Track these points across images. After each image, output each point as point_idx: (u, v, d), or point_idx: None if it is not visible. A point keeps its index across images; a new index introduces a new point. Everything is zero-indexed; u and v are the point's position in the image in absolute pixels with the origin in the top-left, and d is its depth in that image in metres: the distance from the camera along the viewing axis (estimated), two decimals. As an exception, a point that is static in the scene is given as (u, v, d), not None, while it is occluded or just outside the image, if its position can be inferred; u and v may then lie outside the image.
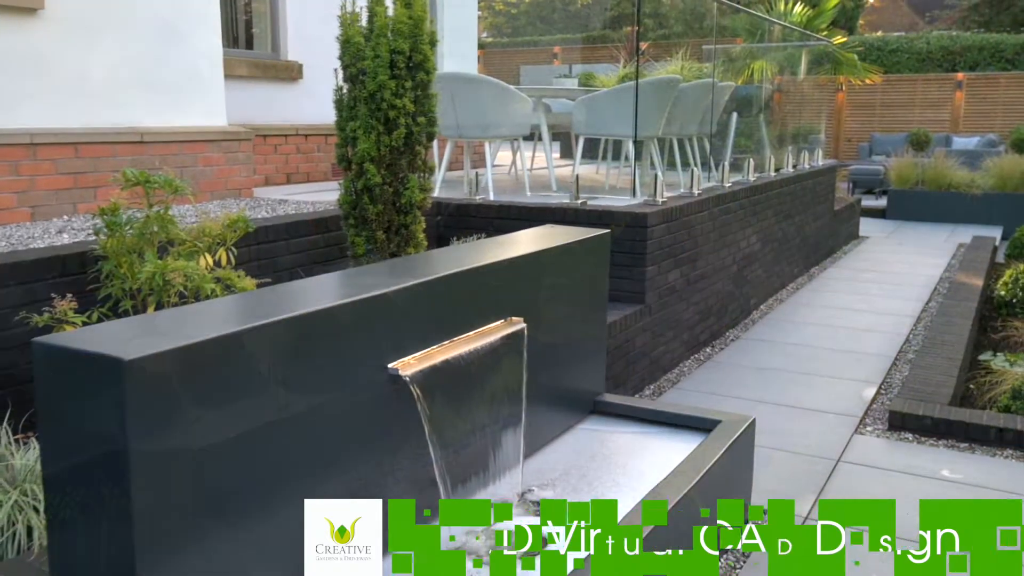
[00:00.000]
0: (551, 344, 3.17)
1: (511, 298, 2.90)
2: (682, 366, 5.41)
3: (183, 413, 1.73)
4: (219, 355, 1.79)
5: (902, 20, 37.02)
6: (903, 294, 7.47)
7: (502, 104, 6.20)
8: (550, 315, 3.16)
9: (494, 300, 2.82)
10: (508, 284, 2.90)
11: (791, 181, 7.69)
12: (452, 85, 6.13)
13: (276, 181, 7.52)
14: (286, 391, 1.97)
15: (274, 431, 1.95)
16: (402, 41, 3.77)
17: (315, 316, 2.03)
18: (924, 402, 4.40)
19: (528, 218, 5.06)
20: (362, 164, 3.84)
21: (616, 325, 4.52)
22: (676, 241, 5.18)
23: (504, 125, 6.26)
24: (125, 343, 1.71)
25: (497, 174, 8.50)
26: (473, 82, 6.10)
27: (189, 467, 1.76)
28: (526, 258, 3.02)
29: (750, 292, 6.69)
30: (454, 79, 6.12)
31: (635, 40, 7.97)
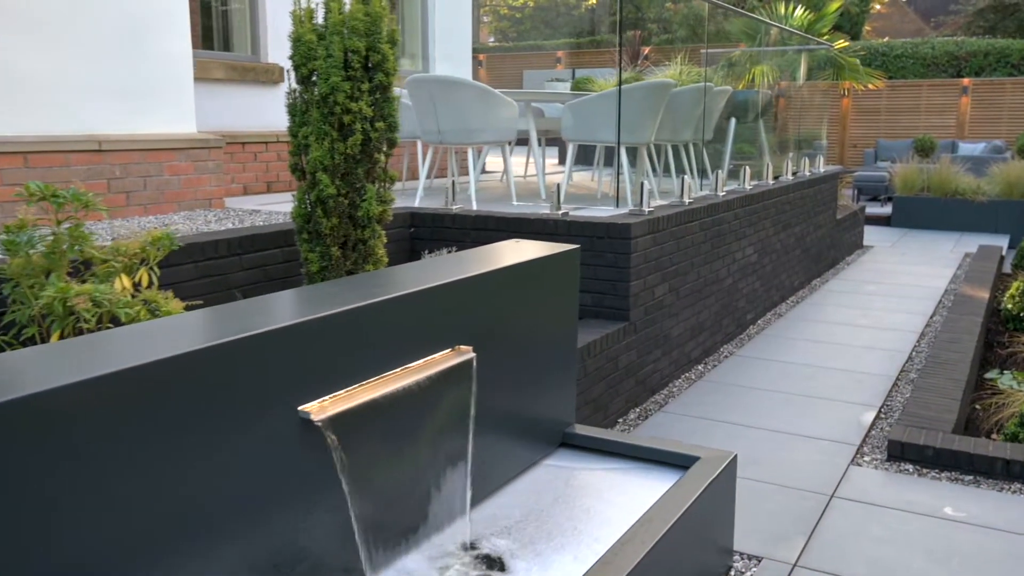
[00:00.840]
0: (510, 373, 2.88)
1: (461, 323, 2.61)
2: (671, 386, 5.10)
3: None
4: (55, 409, 1.49)
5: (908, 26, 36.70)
6: (907, 308, 7.15)
7: (485, 108, 5.92)
8: (509, 341, 2.86)
9: (440, 327, 2.52)
10: (457, 308, 2.60)
11: (791, 189, 7.38)
12: (432, 88, 5.85)
13: (256, 190, 7.24)
14: (161, 447, 1.67)
15: (145, 496, 1.65)
16: (357, 39, 3.48)
17: (196, 357, 1.74)
18: (925, 430, 4.09)
19: (506, 229, 4.77)
20: (315, 174, 3.56)
21: (597, 344, 4.22)
22: (664, 253, 4.88)
23: (488, 130, 5.98)
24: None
25: (489, 181, 8.22)
26: (454, 85, 5.82)
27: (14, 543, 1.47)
28: (479, 279, 2.71)
29: (746, 306, 6.39)
30: (434, 82, 5.84)
31: (619, 42, 7.70)
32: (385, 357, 2.30)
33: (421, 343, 2.44)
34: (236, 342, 1.85)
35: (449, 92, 5.83)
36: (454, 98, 5.83)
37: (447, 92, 5.83)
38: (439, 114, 5.91)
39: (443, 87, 5.83)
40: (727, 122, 8.07)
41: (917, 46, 17.00)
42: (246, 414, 1.87)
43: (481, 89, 5.85)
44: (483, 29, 29.14)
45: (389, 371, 2.29)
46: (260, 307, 2.17)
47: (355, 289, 2.46)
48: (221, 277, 3.89)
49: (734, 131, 8.00)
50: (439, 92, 5.84)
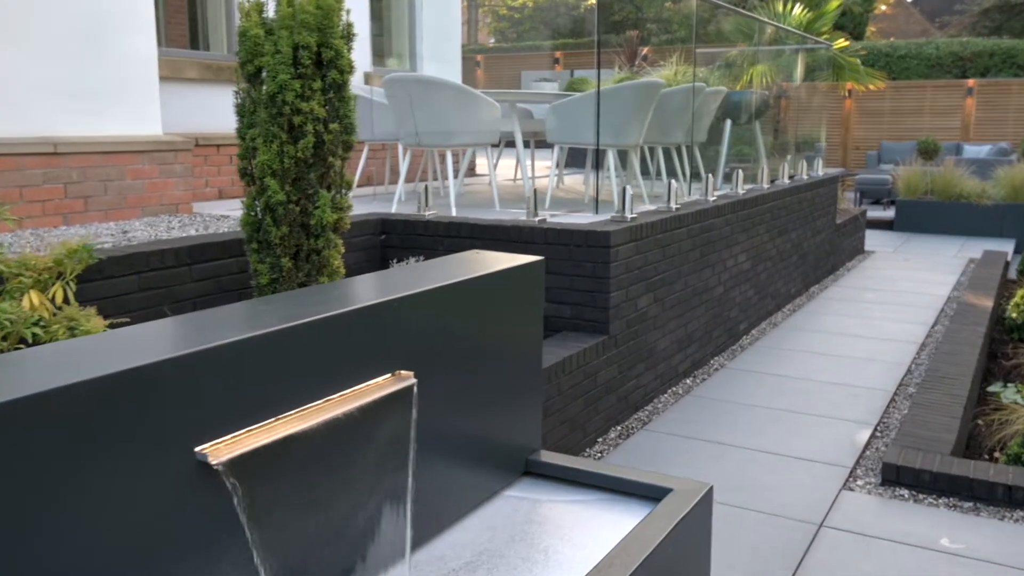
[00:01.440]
0: (462, 398, 2.62)
1: (404, 345, 2.35)
2: (656, 402, 4.84)
3: None
4: None
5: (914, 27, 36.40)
6: (907, 317, 6.88)
7: (465, 109, 5.67)
8: (462, 362, 2.60)
9: (378, 350, 2.27)
10: (399, 328, 2.34)
11: (787, 193, 7.12)
12: (410, 88, 5.61)
13: (232, 194, 7.01)
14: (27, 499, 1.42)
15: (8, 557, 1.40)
16: (308, 34, 3.23)
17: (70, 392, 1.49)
18: (922, 452, 3.83)
19: (480, 236, 4.52)
20: (263, 179, 3.31)
21: (574, 360, 3.96)
22: (648, 262, 4.62)
23: (468, 132, 5.73)
24: None
25: (478, 185, 7.97)
26: (432, 85, 5.57)
27: None
28: (426, 296, 2.46)
29: (739, 316, 6.12)
30: (412, 81, 5.59)
31: (597, 40, 7.42)
32: (309, 387, 2.04)
33: (354, 369, 2.19)
34: (119, 375, 1.59)
35: (427, 92, 5.58)
36: (432, 98, 5.58)
37: (425, 92, 5.58)
38: (417, 115, 5.66)
39: (421, 87, 5.59)
40: (723, 124, 7.82)
41: (921, 46, 16.71)
42: (135, 457, 1.62)
43: (460, 89, 5.61)
44: (483, 30, 28.92)
45: (313, 403, 2.04)
46: (162, 331, 1.91)
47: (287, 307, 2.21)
48: (166, 290, 3.65)
49: (730, 133, 7.75)
50: (417, 92, 5.60)
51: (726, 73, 9.55)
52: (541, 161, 9.17)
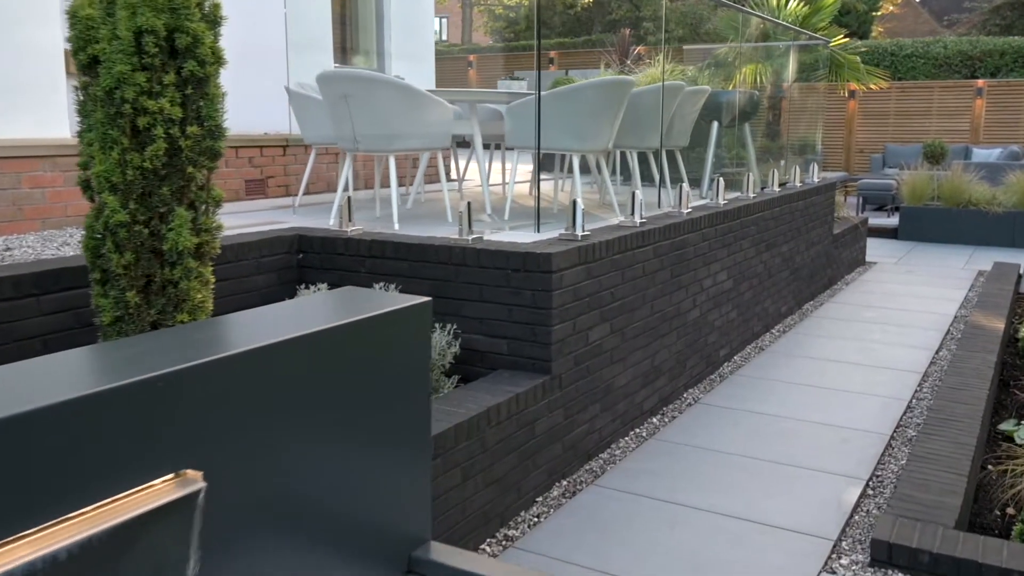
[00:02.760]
0: (310, 486, 1.99)
1: (203, 430, 1.72)
2: (614, 447, 4.20)
3: None
4: None
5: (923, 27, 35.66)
6: (910, 339, 6.21)
7: (410, 110, 5.04)
8: (311, 439, 1.97)
9: (157, 440, 1.64)
10: (194, 408, 1.71)
11: (776, 203, 6.46)
12: (345, 86, 4.98)
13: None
14: None
15: None
16: (153, 15, 2.59)
17: None
18: (921, 523, 3.17)
19: (406, 257, 3.88)
20: (101, 194, 2.68)
21: (504, 408, 3.32)
22: (603, 287, 3.98)
23: (414, 136, 5.10)
24: None
25: (454, 193, 7.32)
26: (370, 83, 4.94)
27: None
28: (245, 360, 1.83)
29: (719, 341, 5.47)
30: (347, 79, 4.96)
31: (537, 31, 6.73)
32: (39, 502, 1.41)
33: (117, 472, 1.56)
34: None
35: (365, 91, 4.95)
36: (371, 98, 4.95)
37: (362, 91, 4.95)
38: (355, 117, 5.03)
39: (357, 85, 4.95)
40: (709, 126, 7.17)
41: (928, 45, 16.02)
42: None
43: (403, 88, 4.97)
44: (478, 30, 28.28)
45: (38, 525, 1.41)
46: None
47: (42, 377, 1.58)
48: (6, 327, 3.02)
49: (717, 137, 7.09)
50: (353, 91, 4.96)
51: (717, 72, 8.91)
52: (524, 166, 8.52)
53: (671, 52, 10.17)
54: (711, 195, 5.66)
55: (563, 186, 7.73)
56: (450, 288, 3.78)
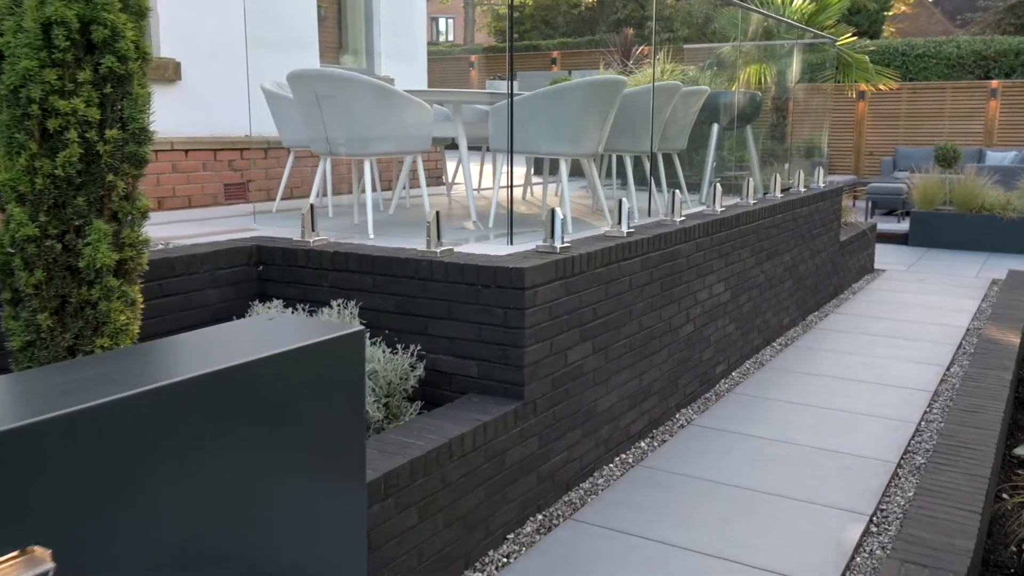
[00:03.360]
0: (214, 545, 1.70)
1: (60, 497, 1.43)
2: (597, 476, 3.89)
3: None
4: None
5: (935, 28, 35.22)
6: (919, 354, 5.89)
7: (385, 111, 4.75)
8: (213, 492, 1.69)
9: (9, 507, 1.35)
10: (48, 471, 1.42)
11: (779, 209, 6.15)
12: (316, 86, 4.70)
13: (141, 206, 6.09)
14: None
15: None
16: (63, 6, 2.31)
17: None
18: (929, 568, 2.86)
19: (370, 270, 3.59)
20: (8, 205, 2.39)
21: (468, 439, 3.02)
22: (584, 304, 3.68)
23: (390, 138, 4.81)
24: None
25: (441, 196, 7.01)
26: (343, 82, 4.65)
27: None
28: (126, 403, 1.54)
29: (715, 357, 5.17)
30: (318, 78, 4.68)
31: (509, 28, 6.42)
32: None
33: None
34: None
35: (337, 91, 4.66)
36: (344, 98, 4.67)
37: (334, 91, 4.67)
38: (327, 118, 4.75)
39: (329, 84, 4.67)
40: (709, 129, 6.86)
41: (940, 45, 15.64)
42: None
43: (378, 87, 4.68)
44: (481, 30, 27.98)
45: None
46: None
47: None
48: (-86, 349, 2.74)
49: (719, 139, 6.78)
50: (325, 91, 4.68)
51: (720, 72, 8.59)
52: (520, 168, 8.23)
53: (672, 51, 9.85)
54: (708, 202, 5.35)
55: (557, 190, 7.44)
56: (416, 305, 3.49)
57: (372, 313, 3.59)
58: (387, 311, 3.56)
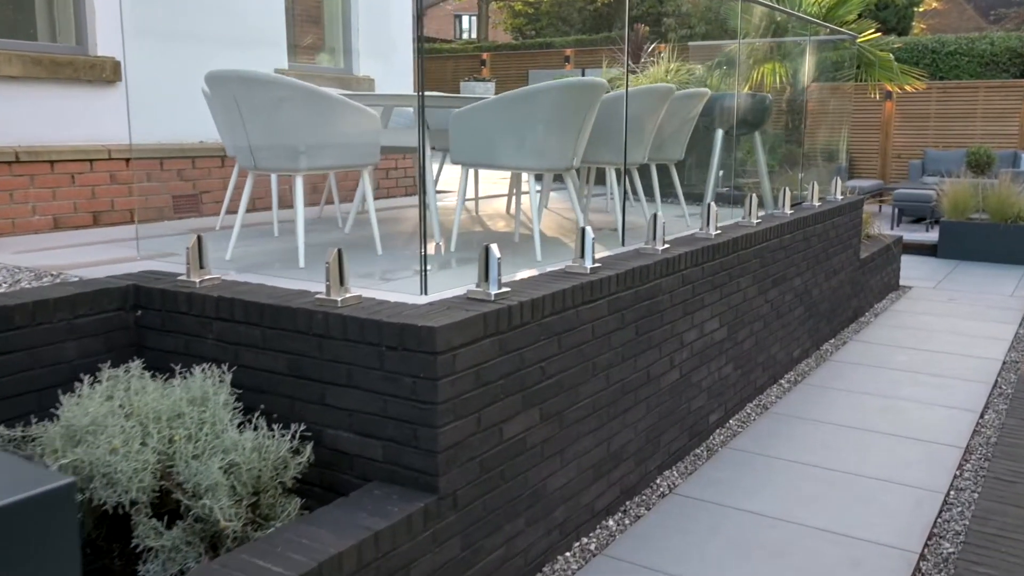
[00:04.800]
0: None
1: None
2: (548, 570, 3.18)
3: None
4: None
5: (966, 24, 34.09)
6: (947, 396, 5.12)
7: (320, 119, 4.06)
8: None
9: None
10: None
11: (788, 228, 5.40)
12: (235, 89, 4.02)
13: (74, 223, 5.51)
14: None
15: None
16: None
17: None
18: None
19: (259, 322, 2.89)
20: None
21: (352, 557, 2.32)
22: (527, 363, 2.96)
23: (328, 150, 4.13)
24: None
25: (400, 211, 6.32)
26: (266, 86, 3.96)
27: None
28: None
29: (708, 405, 4.43)
30: (236, 80, 4.00)
31: (418, 36, 5.79)
32: None
33: None
34: None
35: (262, 95, 3.98)
36: (271, 104, 3.98)
37: (259, 96, 3.98)
38: (249, 127, 4.07)
39: (252, 88, 3.98)
40: (713, 136, 6.12)
41: (973, 42, 14.72)
42: None
43: (308, 91, 3.99)
44: (496, 26, 27.24)
45: None
46: None
47: None
48: None
49: (721, 148, 6.04)
50: (245, 95, 4.00)
51: (729, 72, 7.83)
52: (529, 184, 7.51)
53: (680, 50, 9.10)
54: (702, 223, 4.61)
55: (545, 202, 6.71)
56: (312, 367, 2.79)
57: (261, 375, 2.90)
58: (278, 373, 2.86)
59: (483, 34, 26.69)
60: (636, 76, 8.14)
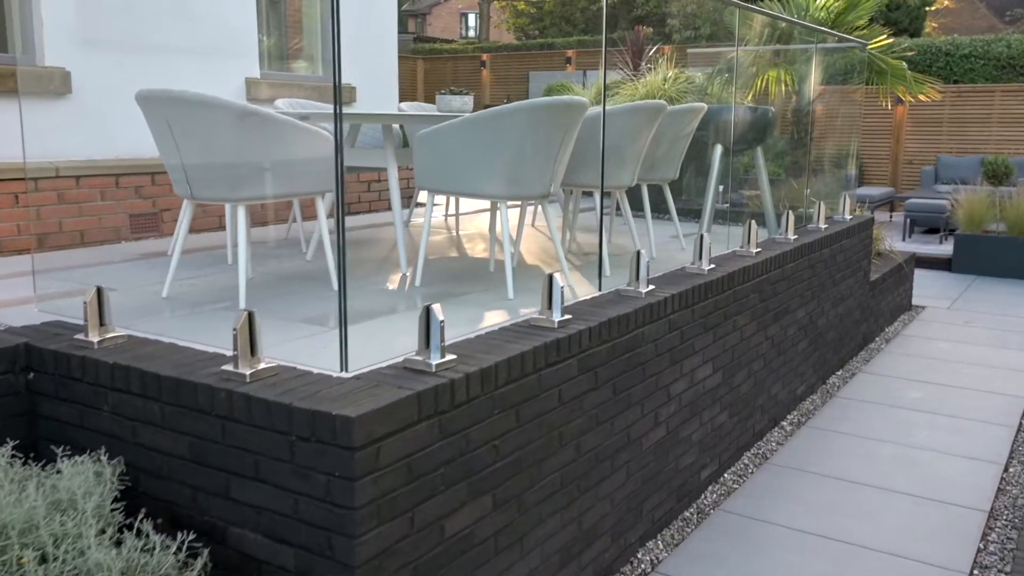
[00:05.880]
0: None
1: None
2: (505, 676, 2.73)
3: None
4: None
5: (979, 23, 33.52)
6: (967, 443, 4.65)
7: (263, 144, 3.62)
8: None
9: None
10: None
11: (790, 257, 4.93)
12: (167, 111, 3.58)
13: (16, 247, 5.10)
14: None
15: None
16: None
17: None
18: None
19: (156, 396, 2.45)
20: None
21: None
22: (474, 445, 2.51)
23: (273, 177, 3.69)
24: None
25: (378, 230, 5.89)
26: (199, 107, 3.52)
27: None
28: None
29: (699, 460, 3.98)
30: (167, 101, 3.55)
31: (335, 54, 5.20)
32: None
33: None
34: None
35: (192, 117, 3.54)
36: (201, 127, 3.54)
37: (189, 117, 3.54)
38: (182, 152, 3.62)
39: (181, 109, 3.54)
40: (712, 154, 5.65)
41: (989, 44, 14.19)
42: None
43: (247, 113, 3.55)
44: (499, 26, 26.75)
45: None
46: None
47: None
48: None
49: (720, 167, 5.57)
50: (176, 117, 3.56)
51: (731, 80, 7.36)
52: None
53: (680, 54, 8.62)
54: (694, 256, 4.15)
55: (534, 220, 6.26)
56: (215, 453, 2.35)
57: (161, 458, 2.45)
58: (179, 457, 2.42)
59: (484, 34, 26.21)
60: (633, 83, 7.68)
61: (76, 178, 5.41)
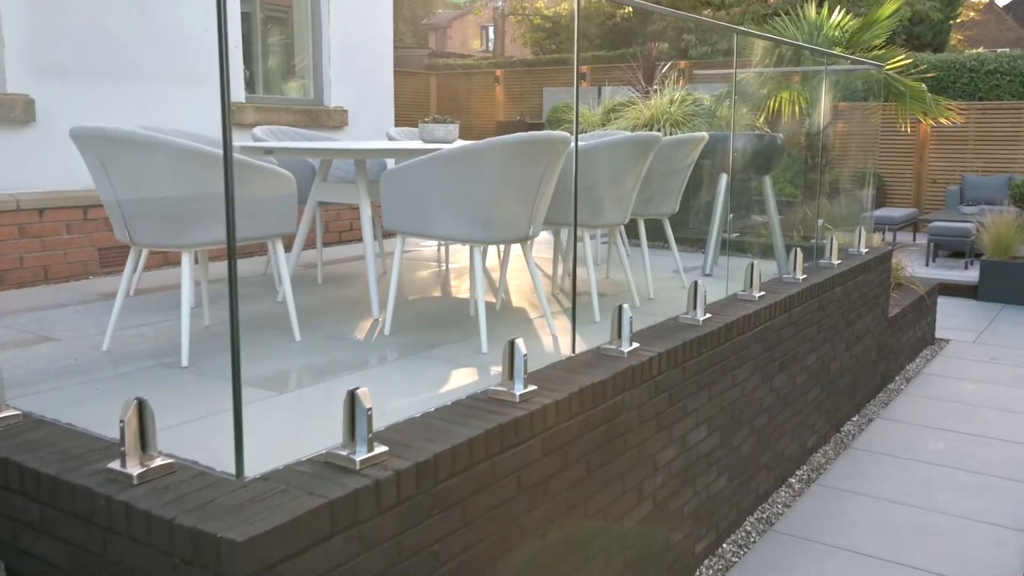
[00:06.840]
0: None
1: None
2: None
3: None
4: None
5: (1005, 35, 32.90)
6: (994, 505, 4.23)
7: (208, 183, 3.29)
8: None
9: None
10: None
11: (797, 300, 4.54)
12: (100, 150, 3.25)
13: (-29, 283, 4.78)
14: None
15: None
16: None
17: None
18: None
19: (36, 496, 2.10)
20: None
21: None
22: (408, 553, 2.15)
23: (215, 220, 3.36)
24: None
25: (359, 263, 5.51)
26: (135, 146, 3.19)
27: None
28: None
29: (694, 532, 3.59)
30: (100, 140, 3.23)
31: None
32: None
33: None
34: None
35: (128, 157, 3.21)
36: (139, 167, 3.21)
37: (125, 157, 3.21)
38: (119, 194, 3.30)
39: (115, 148, 3.21)
40: (717, 185, 5.28)
41: (1016, 60, 13.69)
42: None
43: (191, 152, 3.21)
44: (515, 41, 26.47)
45: None
46: None
47: None
48: None
49: (724, 199, 5.20)
50: (111, 157, 3.23)
51: (740, 102, 6.97)
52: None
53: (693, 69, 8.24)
54: (688, 305, 3.77)
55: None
56: (95, 567, 2.00)
57: (41, 566, 2.11)
58: (59, 567, 2.07)
59: (500, 48, 25.94)
60: (637, 106, 7.31)
61: (39, 211, 5.12)
